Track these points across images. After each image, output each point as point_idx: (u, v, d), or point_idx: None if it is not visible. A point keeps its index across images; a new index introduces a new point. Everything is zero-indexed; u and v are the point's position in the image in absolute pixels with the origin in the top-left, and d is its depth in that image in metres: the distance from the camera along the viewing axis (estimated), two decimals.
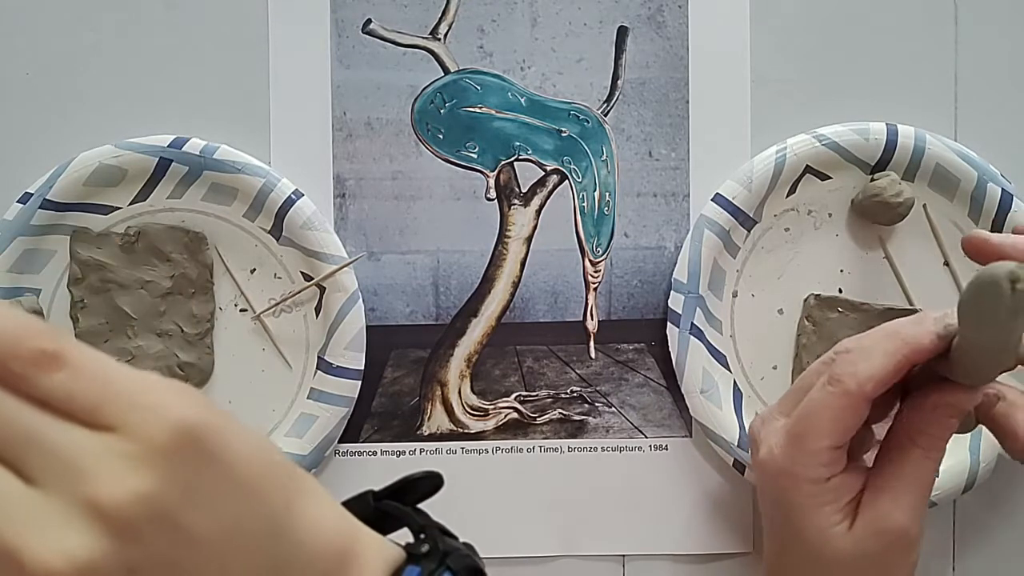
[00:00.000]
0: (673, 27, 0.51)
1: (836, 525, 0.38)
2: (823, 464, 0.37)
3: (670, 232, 0.51)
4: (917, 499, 0.38)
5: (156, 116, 0.50)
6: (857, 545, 0.37)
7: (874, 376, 0.36)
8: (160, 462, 0.22)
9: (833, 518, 0.38)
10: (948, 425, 0.37)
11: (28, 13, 0.50)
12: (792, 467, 0.38)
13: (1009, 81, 0.51)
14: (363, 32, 0.51)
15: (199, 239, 0.49)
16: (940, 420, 0.37)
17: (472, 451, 0.51)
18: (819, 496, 0.38)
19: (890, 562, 0.38)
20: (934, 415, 0.37)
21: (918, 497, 0.38)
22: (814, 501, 0.38)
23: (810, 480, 0.37)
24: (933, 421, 0.37)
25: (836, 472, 0.38)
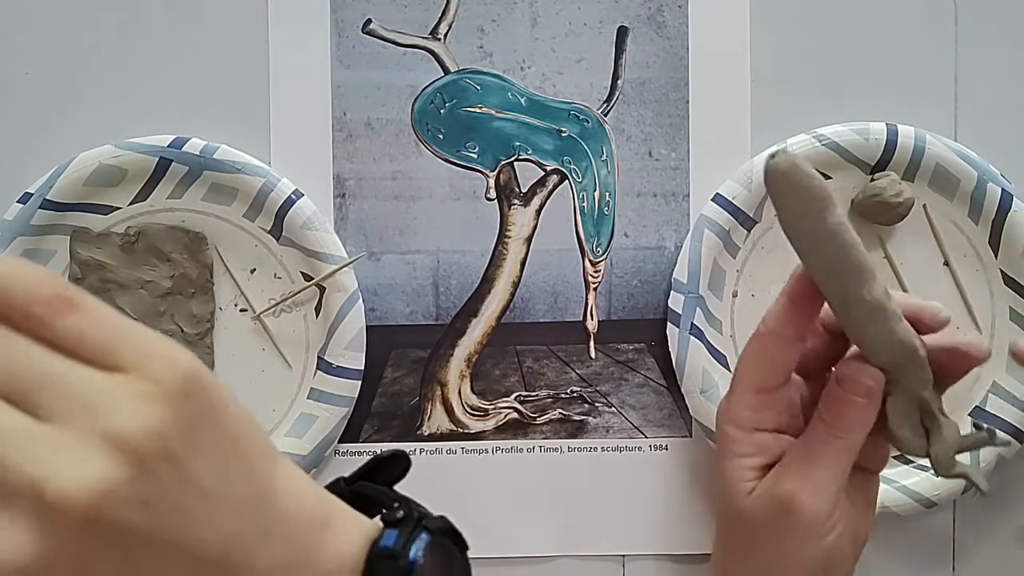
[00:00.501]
0: (673, 27, 0.51)
1: (744, 482, 0.38)
2: (748, 408, 0.38)
3: (670, 232, 0.51)
4: (818, 474, 0.37)
5: (156, 116, 0.50)
6: (753, 507, 0.38)
7: (774, 312, 0.37)
8: (171, 402, 0.23)
9: (744, 473, 0.38)
10: (849, 401, 0.36)
11: (28, 13, 0.50)
12: (725, 410, 0.39)
13: (1009, 81, 0.51)
14: (363, 32, 0.51)
15: (199, 239, 0.49)
16: (839, 394, 0.36)
17: (472, 451, 0.51)
18: (741, 445, 0.38)
19: (781, 535, 0.37)
20: (835, 387, 0.37)
21: (819, 472, 0.37)
22: (734, 448, 0.38)
23: (736, 424, 0.38)
24: (833, 393, 0.37)
25: (763, 426, 0.38)
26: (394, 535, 0.29)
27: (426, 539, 0.29)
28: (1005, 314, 0.50)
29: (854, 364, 0.36)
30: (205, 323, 0.50)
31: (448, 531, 0.31)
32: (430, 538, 0.29)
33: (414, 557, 0.28)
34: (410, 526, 0.29)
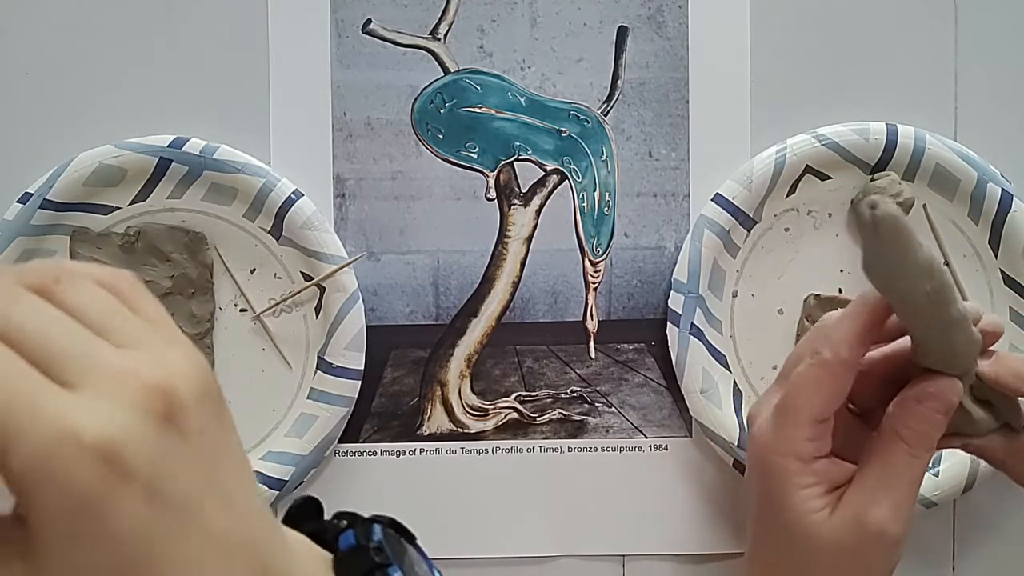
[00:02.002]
0: (673, 27, 0.51)
1: (816, 512, 0.37)
2: (808, 439, 0.37)
3: (670, 232, 0.51)
4: (900, 497, 0.37)
5: (156, 116, 0.50)
6: (834, 535, 0.37)
7: (845, 339, 0.36)
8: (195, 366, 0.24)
9: (814, 503, 0.37)
10: (932, 420, 0.36)
11: (28, 13, 0.50)
12: (779, 441, 0.37)
13: (1009, 81, 0.51)
14: (363, 32, 0.51)
15: (199, 239, 0.49)
16: (923, 413, 0.36)
17: (472, 451, 0.51)
18: (803, 476, 0.37)
19: (867, 558, 0.37)
20: (917, 407, 0.36)
21: (902, 495, 0.37)
22: (797, 481, 0.37)
23: (795, 456, 0.37)
24: (916, 413, 0.36)
25: (822, 453, 0.37)
26: (351, 533, 0.29)
27: (380, 527, 0.30)
28: (1005, 314, 0.50)
29: (938, 382, 0.36)
30: (205, 323, 0.50)
31: (393, 523, 0.31)
32: (382, 526, 0.30)
33: (378, 539, 0.29)
34: (359, 523, 0.30)
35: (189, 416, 0.23)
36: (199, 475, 0.24)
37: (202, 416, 0.24)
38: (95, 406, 0.22)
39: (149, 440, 0.23)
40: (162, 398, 0.23)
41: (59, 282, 0.24)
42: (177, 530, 0.23)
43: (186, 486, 0.23)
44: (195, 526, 0.24)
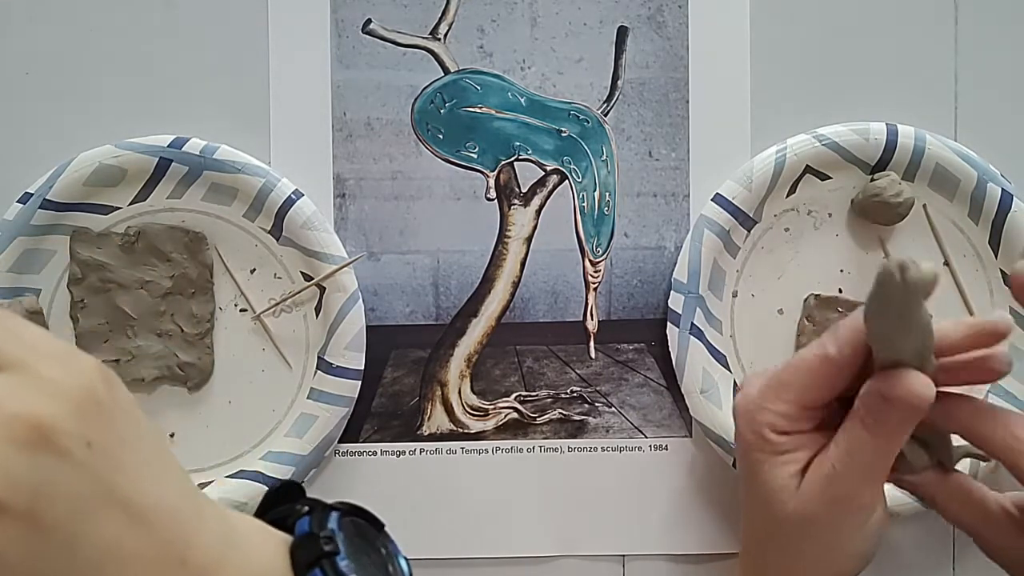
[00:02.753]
0: (673, 27, 0.51)
1: (788, 480, 0.38)
2: (788, 416, 0.38)
3: (670, 232, 0.51)
4: (862, 471, 0.37)
5: (156, 116, 0.50)
6: (802, 505, 0.37)
7: (850, 341, 0.37)
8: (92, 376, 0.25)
9: (787, 469, 0.38)
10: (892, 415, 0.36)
11: (28, 13, 0.50)
12: (761, 409, 0.38)
13: (1009, 81, 0.51)
14: (363, 32, 0.51)
15: (199, 239, 0.49)
16: (883, 407, 0.36)
17: (472, 451, 0.51)
18: (779, 446, 0.38)
19: (834, 527, 0.37)
20: (877, 400, 0.36)
21: (864, 469, 0.37)
22: (773, 450, 0.38)
23: (774, 428, 0.38)
24: (876, 406, 0.36)
25: (800, 429, 0.38)
26: (306, 520, 0.30)
27: (337, 515, 0.30)
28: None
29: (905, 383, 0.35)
30: (205, 323, 0.50)
31: (358, 510, 0.32)
32: (340, 514, 0.31)
33: (331, 527, 0.30)
34: (319, 510, 0.30)
35: (66, 436, 0.23)
36: (86, 490, 0.24)
37: (86, 430, 0.24)
38: (24, 395, 0.23)
39: (18, 471, 0.23)
40: (30, 427, 0.23)
41: None
42: (66, 550, 0.24)
43: (68, 504, 0.24)
44: (84, 539, 0.24)
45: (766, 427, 0.38)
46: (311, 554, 0.29)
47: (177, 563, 0.26)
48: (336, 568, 0.28)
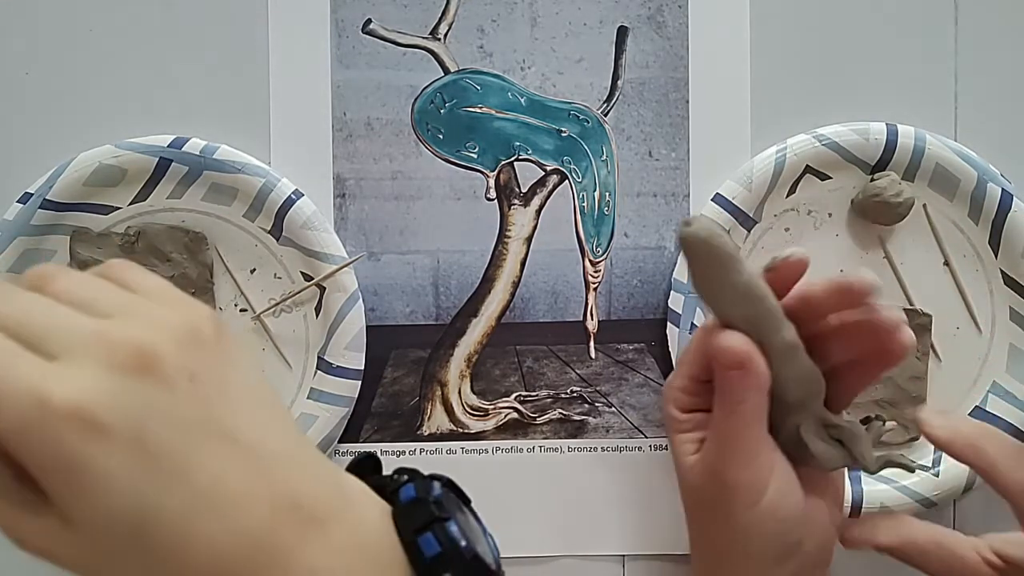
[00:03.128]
0: (673, 27, 0.51)
1: (688, 455, 0.39)
2: (686, 392, 0.39)
3: (670, 232, 0.51)
4: (729, 445, 0.36)
5: (156, 116, 0.50)
6: (694, 479, 0.38)
7: None
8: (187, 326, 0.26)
9: (685, 447, 0.39)
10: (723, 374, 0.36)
11: (28, 13, 0.50)
12: (667, 390, 0.40)
13: (1009, 81, 0.51)
14: (363, 32, 0.51)
15: (199, 239, 0.49)
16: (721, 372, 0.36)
17: (472, 451, 0.51)
18: (680, 422, 0.39)
19: (719, 502, 0.37)
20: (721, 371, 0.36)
21: (731, 443, 0.36)
22: (677, 427, 0.40)
23: (675, 403, 0.40)
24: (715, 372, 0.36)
25: (698, 407, 0.39)
26: (411, 487, 0.30)
27: (439, 485, 0.30)
28: (1005, 314, 0.50)
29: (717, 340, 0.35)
30: None
31: (450, 483, 0.32)
32: (441, 484, 0.31)
33: (438, 494, 0.30)
34: (420, 478, 0.31)
35: (169, 365, 0.24)
36: (190, 420, 0.25)
37: (190, 363, 0.25)
38: (67, 372, 0.23)
39: (123, 395, 0.24)
40: (134, 353, 0.24)
41: (49, 277, 0.26)
42: (175, 478, 0.24)
43: (174, 432, 0.24)
44: (192, 468, 0.25)
45: (671, 403, 0.40)
46: (423, 517, 0.29)
47: (290, 506, 0.26)
48: (448, 533, 0.28)
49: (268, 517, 0.26)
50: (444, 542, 0.28)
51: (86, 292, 0.26)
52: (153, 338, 0.25)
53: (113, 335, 0.24)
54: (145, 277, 0.27)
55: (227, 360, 0.26)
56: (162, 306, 0.26)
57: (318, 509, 0.27)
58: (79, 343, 0.24)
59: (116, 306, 0.26)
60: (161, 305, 0.26)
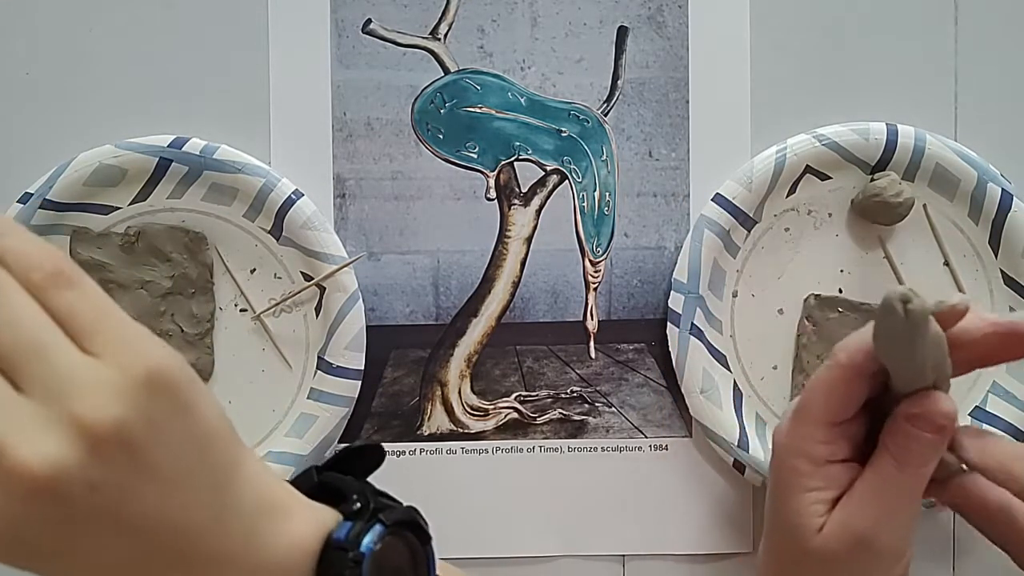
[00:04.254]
0: (673, 27, 0.51)
1: (815, 517, 0.37)
2: (819, 441, 0.37)
3: (670, 232, 0.51)
4: (889, 508, 0.36)
5: (156, 116, 0.50)
6: (823, 543, 0.36)
7: (861, 347, 0.36)
8: (135, 395, 0.25)
9: (815, 507, 0.37)
10: (919, 437, 0.35)
11: (28, 13, 0.50)
12: (793, 440, 0.37)
13: (1009, 81, 0.51)
14: (363, 32, 0.51)
15: (199, 239, 0.49)
16: (915, 434, 0.35)
17: (472, 451, 0.51)
18: (810, 478, 0.37)
19: (857, 568, 0.36)
20: (906, 426, 0.35)
21: (891, 507, 0.36)
22: (804, 482, 0.37)
23: (807, 457, 0.37)
24: (907, 433, 0.35)
25: (835, 457, 0.37)
26: (347, 527, 0.30)
27: (380, 531, 0.30)
28: (1005, 314, 0.50)
29: (927, 403, 0.35)
30: (205, 323, 0.50)
31: (408, 523, 0.32)
32: (384, 530, 0.30)
33: (365, 548, 0.30)
34: (364, 517, 0.30)
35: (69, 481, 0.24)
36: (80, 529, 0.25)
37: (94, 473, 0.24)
38: (36, 438, 0.23)
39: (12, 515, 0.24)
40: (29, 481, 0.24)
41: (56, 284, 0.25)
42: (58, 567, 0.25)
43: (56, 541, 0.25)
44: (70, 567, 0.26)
45: (803, 458, 0.37)
46: (335, 571, 0.29)
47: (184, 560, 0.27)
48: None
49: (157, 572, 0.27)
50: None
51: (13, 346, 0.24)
52: (56, 459, 0.24)
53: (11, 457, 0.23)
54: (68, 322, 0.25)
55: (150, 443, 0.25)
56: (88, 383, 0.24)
57: (220, 552, 0.27)
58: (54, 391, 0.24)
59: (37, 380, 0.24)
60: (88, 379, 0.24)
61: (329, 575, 0.29)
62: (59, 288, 0.25)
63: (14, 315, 0.24)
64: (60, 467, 0.24)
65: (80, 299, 0.25)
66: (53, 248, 0.26)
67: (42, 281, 0.25)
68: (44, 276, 0.25)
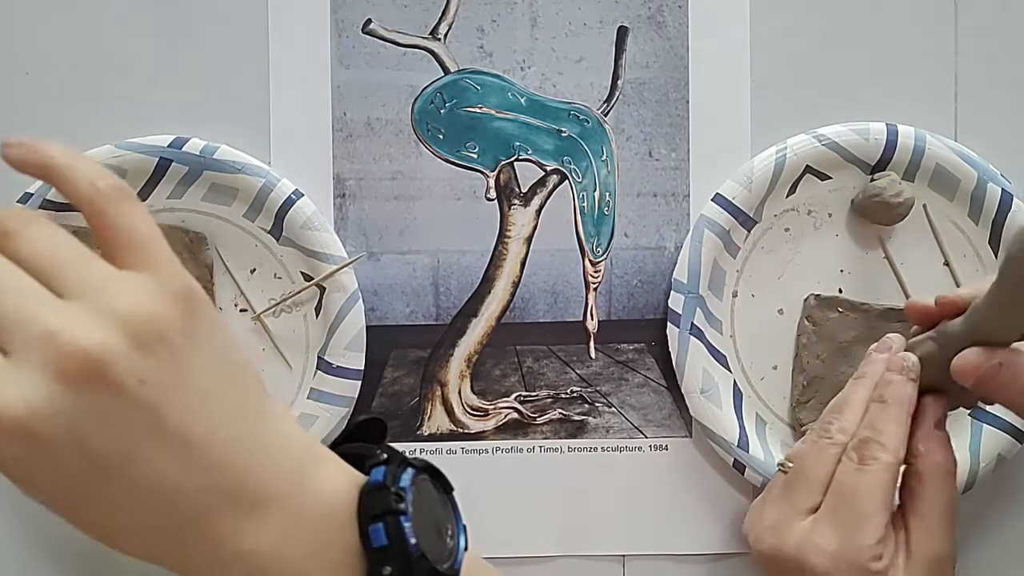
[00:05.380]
0: (673, 27, 0.51)
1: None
2: (881, 540, 0.38)
3: (670, 232, 0.51)
4: (949, 521, 0.39)
5: (156, 116, 0.50)
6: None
7: (902, 442, 0.38)
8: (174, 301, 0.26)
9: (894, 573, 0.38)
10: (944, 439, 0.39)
11: (28, 13, 0.50)
12: (853, 559, 0.38)
13: (1009, 81, 0.51)
14: (363, 32, 0.51)
15: (199, 239, 0.49)
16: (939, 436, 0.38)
17: (472, 451, 0.51)
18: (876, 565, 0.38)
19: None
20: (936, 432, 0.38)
21: (949, 519, 0.39)
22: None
23: (872, 557, 0.38)
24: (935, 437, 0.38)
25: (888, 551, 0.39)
26: (382, 470, 0.30)
27: (412, 472, 0.31)
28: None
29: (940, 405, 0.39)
30: None
31: (431, 469, 0.33)
32: (416, 472, 0.31)
33: (403, 484, 0.30)
34: (395, 463, 0.31)
35: (119, 372, 0.24)
36: (133, 422, 0.25)
37: (141, 367, 0.25)
38: (13, 378, 0.24)
39: (65, 406, 0.24)
40: (82, 363, 0.24)
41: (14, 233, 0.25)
42: (104, 477, 0.25)
43: (114, 437, 0.25)
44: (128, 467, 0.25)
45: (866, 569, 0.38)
46: (379, 508, 0.29)
47: (229, 494, 0.27)
48: (399, 528, 0.28)
49: (202, 506, 0.26)
50: (392, 536, 0.28)
51: (52, 258, 0.25)
52: (105, 344, 0.24)
53: (64, 341, 0.24)
54: (118, 234, 0.26)
55: (188, 348, 0.26)
56: (121, 291, 0.25)
57: (263, 493, 0.27)
58: (31, 343, 0.24)
59: (78, 285, 0.25)
60: (120, 289, 0.25)
61: (374, 513, 0.29)
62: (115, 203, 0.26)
63: (47, 231, 0.26)
64: (110, 352, 0.24)
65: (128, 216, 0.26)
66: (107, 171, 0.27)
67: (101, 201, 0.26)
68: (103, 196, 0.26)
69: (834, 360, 0.50)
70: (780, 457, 0.49)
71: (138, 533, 0.26)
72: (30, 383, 0.23)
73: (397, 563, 0.28)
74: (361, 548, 0.28)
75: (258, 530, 0.27)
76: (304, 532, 0.28)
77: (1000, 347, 0.37)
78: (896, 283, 0.50)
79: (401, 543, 0.28)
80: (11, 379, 0.23)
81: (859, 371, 0.42)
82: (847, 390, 0.42)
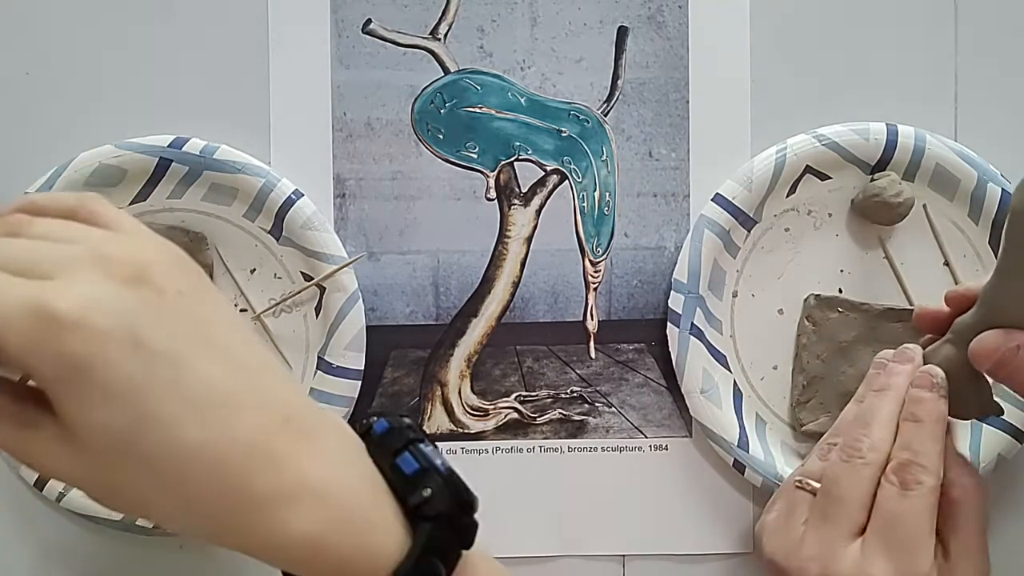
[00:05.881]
0: (673, 27, 0.51)
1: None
2: (932, 558, 0.38)
3: (670, 232, 0.51)
4: (985, 541, 0.40)
5: (156, 116, 0.50)
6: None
7: (940, 462, 0.39)
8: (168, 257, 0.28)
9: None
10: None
11: (28, 13, 0.50)
12: None
13: (1009, 81, 0.51)
14: (363, 32, 0.51)
15: (199, 239, 0.49)
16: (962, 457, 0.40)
17: (472, 451, 0.51)
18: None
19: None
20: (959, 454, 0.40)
21: (985, 539, 0.40)
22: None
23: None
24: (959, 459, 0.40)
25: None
26: (384, 421, 0.31)
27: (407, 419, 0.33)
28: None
29: None
30: None
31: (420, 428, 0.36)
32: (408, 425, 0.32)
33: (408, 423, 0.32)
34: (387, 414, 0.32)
35: (159, 276, 0.26)
36: (183, 327, 0.26)
37: (179, 279, 0.27)
38: (66, 285, 0.25)
39: (120, 301, 0.25)
40: (128, 264, 0.26)
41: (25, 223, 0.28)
42: (165, 379, 0.26)
43: (167, 336, 0.26)
44: (185, 370, 0.26)
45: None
46: (399, 442, 0.30)
47: (280, 417, 0.28)
48: (424, 451, 0.30)
49: (260, 425, 0.27)
50: (421, 459, 0.30)
51: (66, 231, 0.27)
52: (146, 256, 0.27)
53: (106, 250, 0.26)
54: (120, 216, 0.29)
55: (207, 289, 0.29)
56: (142, 238, 0.28)
57: (306, 422, 0.28)
58: (73, 261, 0.26)
59: (95, 240, 0.27)
60: (141, 237, 0.28)
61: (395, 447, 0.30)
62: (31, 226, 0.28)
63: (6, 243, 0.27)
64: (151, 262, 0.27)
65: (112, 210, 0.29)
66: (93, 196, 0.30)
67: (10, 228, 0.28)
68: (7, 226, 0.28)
69: (834, 360, 0.50)
70: (781, 460, 0.49)
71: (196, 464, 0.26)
72: (86, 284, 0.25)
73: (433, 481, 0.30)
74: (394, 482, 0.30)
75: (314, 458, 0.28)
76: (348, 464, 0.29)
77: (1018, 330, 0.37)
78: (896, 283, 0.50)
79: (431, 464, 0.30)
80: (64, 287, 0.25)
81: (878, 383, 0.41)
82: (871, 404, 0.41)
